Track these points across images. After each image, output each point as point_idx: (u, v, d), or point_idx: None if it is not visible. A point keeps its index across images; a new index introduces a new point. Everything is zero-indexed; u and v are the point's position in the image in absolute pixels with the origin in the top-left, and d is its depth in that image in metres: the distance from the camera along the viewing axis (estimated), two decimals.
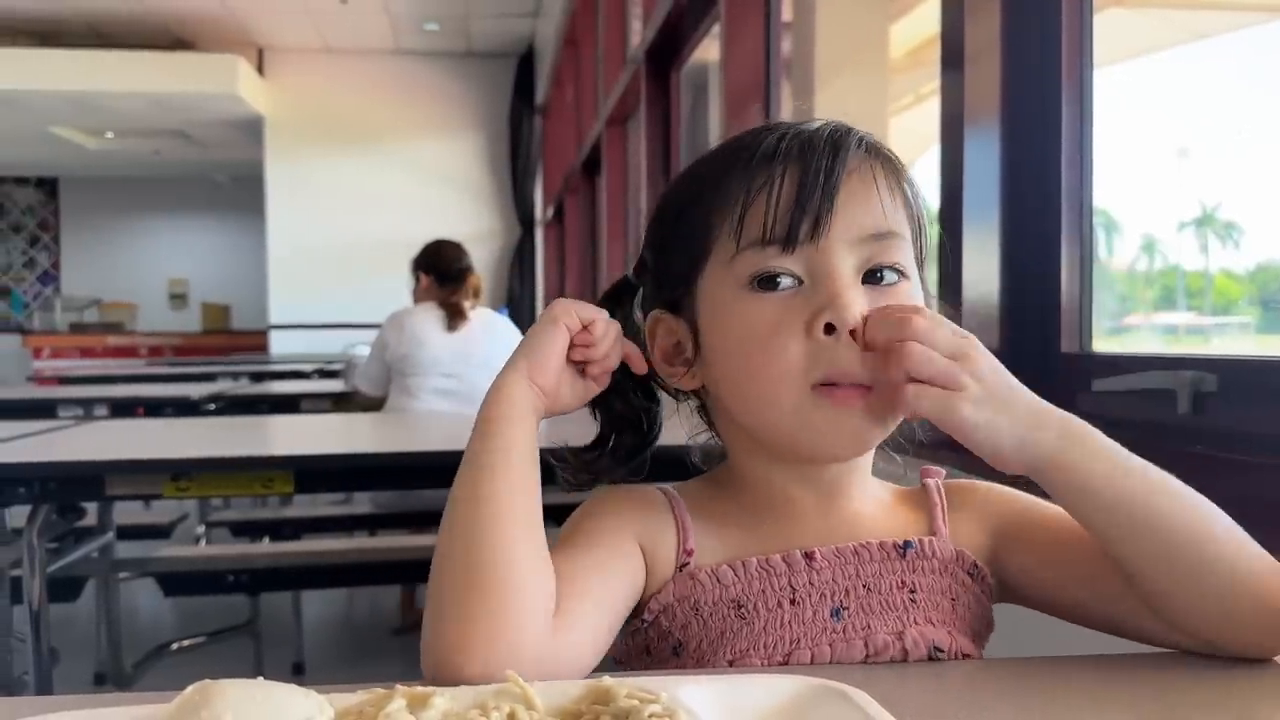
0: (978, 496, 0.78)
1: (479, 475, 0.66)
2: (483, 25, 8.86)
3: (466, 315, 3.47)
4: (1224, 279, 1.84)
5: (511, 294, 9.53)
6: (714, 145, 0.78)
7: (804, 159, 0.69)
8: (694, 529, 0.74)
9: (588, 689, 0.55)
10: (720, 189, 0.72)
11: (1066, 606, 0.75)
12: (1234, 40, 1.79)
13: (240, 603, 3.33)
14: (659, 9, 3.85)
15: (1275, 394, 1.05)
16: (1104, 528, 0.67)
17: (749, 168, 0.70)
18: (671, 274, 0.76)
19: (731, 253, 0.70)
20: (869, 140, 0.73)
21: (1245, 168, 1.66)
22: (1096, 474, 0.66)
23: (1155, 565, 0.66)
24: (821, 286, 0.68)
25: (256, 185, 9.82)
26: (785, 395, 0.68)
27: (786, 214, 0.68)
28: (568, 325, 0.72)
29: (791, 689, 0.56)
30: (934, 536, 0.75)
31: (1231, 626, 0.66)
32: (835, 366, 0.67)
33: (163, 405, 3.94)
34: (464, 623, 0.61)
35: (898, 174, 0.73)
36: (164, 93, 8.94)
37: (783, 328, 0.68)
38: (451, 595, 0.62)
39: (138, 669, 2.96)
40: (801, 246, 0.68)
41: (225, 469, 1.91)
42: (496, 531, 0.64)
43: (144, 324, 12.62)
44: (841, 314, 0.66)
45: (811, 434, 0.69)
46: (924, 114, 2.04)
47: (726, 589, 0.71)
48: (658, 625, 0.72)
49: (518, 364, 0.71)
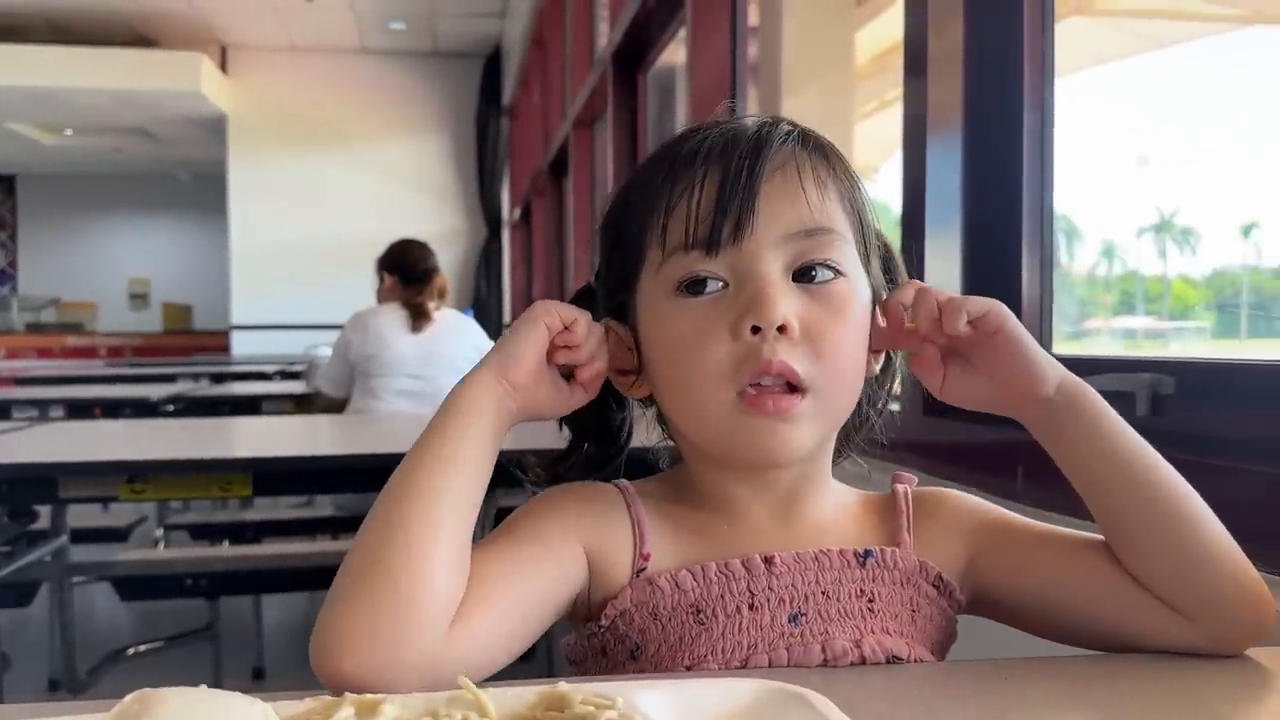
0: (947, 505, 0.77)
1: (414, 469, 0.65)
2: (449, 25, 8.82)
3: (431, 316, 3.44)
4: (1182, 284, 1.86)
5: (478, 295, 9.48)
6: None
7: (725, 158, 0.68)
8: (652, 530, 0.72)
9: (542, 695, 0.54)
10: (647, 195, 0.71)
11: (1038, 619, 0.74)
12: (1193, 49, 1.81)
13: (199, 607, 3.28)
14: (626, 11, 3.85)
15: (1231, 396, 1.07)
16: (1109, 472, 0.68)
17: (673, 171, 0.70)
18: (614, 282, 0.75)
19: (659, 260, 0.69)
20: (799, 132, 0.71)
21: (1203, 175, 1.68)
22: (1103, 422, 0.69)
23: (1152, 526, 0.67)
24: (746, 288, 0.67)
25: (219, 184, 9.72)
26: (713, 403, 0.67)
27: (708, 216, 0.67)
28: (548, 324, 0.70)
29: (749, 692, 0.56)
30: (897, 547, 0.74)
31: (1217, 605, 0.66)
32: (763, 362, 0.65)
33: (121, 406, 3.88)
34: (349, 615, 0.59)
35: (831, 167, 0.71)
36: (125, 90, 8.84)
37: (708, 332, 0.67)
38: (346, 584, 0.61)
39: (92, 675, 2.90)
40: (725, 249, 0.67)
41: (182, 471, 1.88)
42: (411, 528, 0.62)
43: (104, 324, 12.45)
44: (765, 314, 0.65)
45: (742, 443, 0.68)
46: (889, 120, 2.04)
47: (686, 594, 0.70)
48: (615, 629, 0.71)
49: (489, 360, 0.69)
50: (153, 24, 8.75)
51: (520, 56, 7.99)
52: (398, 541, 0.61)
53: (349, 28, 8.89)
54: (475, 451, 0.66)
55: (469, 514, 0.65)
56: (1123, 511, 0.68)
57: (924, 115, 1.57)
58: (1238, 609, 0.67)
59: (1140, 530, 0.68)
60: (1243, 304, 1.72)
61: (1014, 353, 0.69)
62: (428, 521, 0.62)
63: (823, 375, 0.67)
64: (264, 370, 5.92)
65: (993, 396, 0.71)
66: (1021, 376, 0.69)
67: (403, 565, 0.60)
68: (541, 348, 0.70)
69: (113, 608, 3.81)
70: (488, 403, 0.68)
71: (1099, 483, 0.69)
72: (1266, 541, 0.68)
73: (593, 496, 0.74)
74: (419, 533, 0.62)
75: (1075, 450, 0.70)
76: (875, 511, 0.77)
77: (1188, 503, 0.67)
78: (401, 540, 0.61)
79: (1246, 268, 1.70)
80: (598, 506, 0.73)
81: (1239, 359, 1.22)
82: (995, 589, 0.75)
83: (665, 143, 0.74)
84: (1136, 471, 0.68)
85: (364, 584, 0.60)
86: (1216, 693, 0.64)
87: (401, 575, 0.60)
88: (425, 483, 0.64)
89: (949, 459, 1.46)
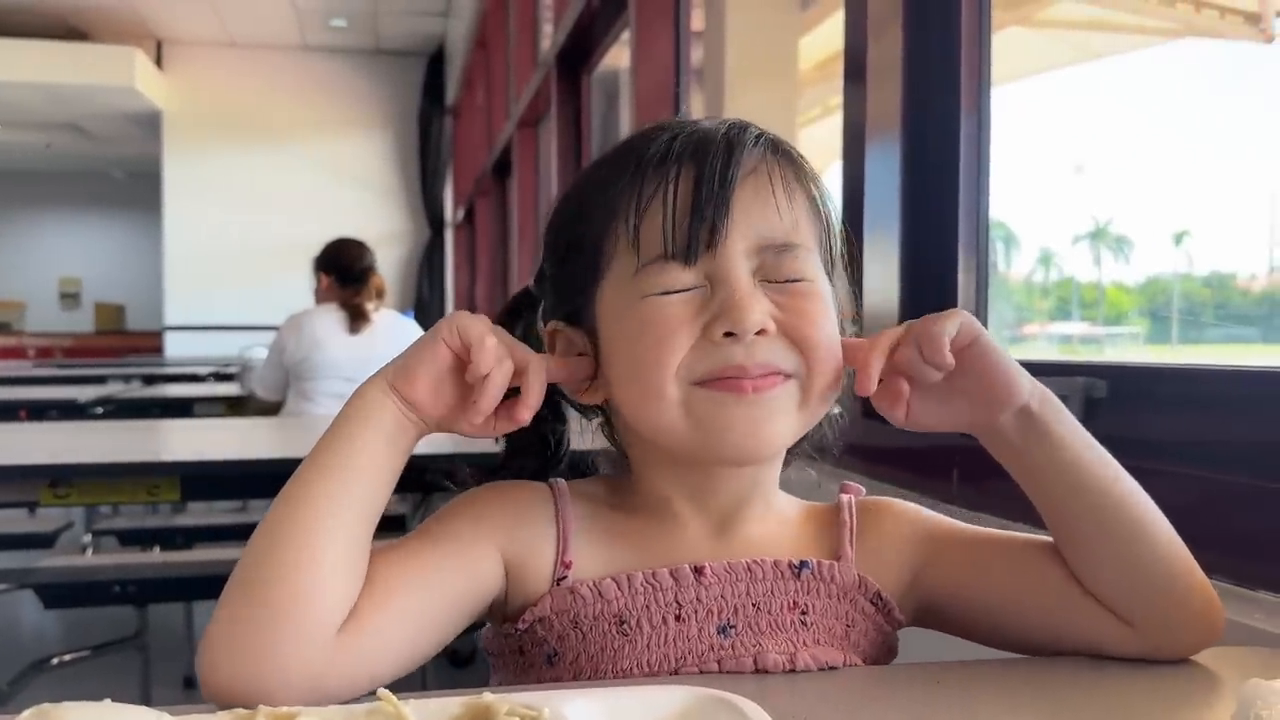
0: (891, 517, 0.76)
1: (297, 478, 0.63)
2: (391, 23, 8.73)
3: (369, 317, 3.39)
4: (1116, 290, 1.89)
5: (420, 297, 9.39)
6: (608, 148, 0.75)
7: (698, 160, 0.67)
8: (578, 537, 0.71)
9: (467, 706, 0.53)
10: (614, 196, 0.68)
11: (986, 629, 0.73)
12: (1128, 61, 1.84)
13: (127, 615, 3.19)
14: (569, 13, 3.84)
15: (1163, 401, 1.08)
16: (1069, 483, 0.67)
17: (642, 171, 0.67)
18: (570, 285, 0.72)
19: (633, 267, 0.67)
20: (768, 138, 0.70)
21: (1136, 184, 1.71)
22: (1070, 431, 0.67)
23: (1110, 539, 0.66)
24: (719, 292, 0.65)
25: (154, 182, 9.51)
26: (671, 392, 0.65)
27: (684, 223, 0.65)
28: (445, 339, 0.65)
29: (680, 701, 0.54)
30: (837, 561, 0.72)
31: (1169, 618, 0.67)
32: (730, 363, 0.64)
33: (47, 408, 3.77)
34: (228, 629, 0.59)
35: (798, 172, 0.70)
36: (57, 84, 8.63)
37: (679, 325, 0.65)
38: (226, 598, 0.60)
39: (14, 686, 2.81)
40: (700, 256, 0.66)
41: (107, 475, 1.83)
42: (291, 538, 0.60)
43: (32, 324, 12.15)
44: (740, 320, 0.64)
45: (711, 427, 0.65)
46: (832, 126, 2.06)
47: (609, 603, 0.68)
48: (533, 633, 0.70)
49: (385, 369, 0.67)
50: (85, 17, 8.54)
51: (464, 56, 7.93)
52: (274, 554, 0.60)
53: (289, 24, 8.75)
54: (365, 461, 0.64)
55: (359, 522, 0.63)
56: (1081, 523, 0.67)
57: (863, 121, 1.58)
58: (1190, 621, 0.67)
59: (1096, 543, 0.67)
60: (1174, 310, 1.75)
61: (990, 364, 0.66)
62: (309, 531, 0.61)
63: (805, 362, 0.66)
64: (197, 372, 5.80)
65: (965, 415, 0.68)
66: (1000, 389, 0.66)
67: (278, 577, 0.59)
68: (439, 366, 0.65)
69: (37, 616, 3.71)
70: (380, 413, 0.65)
71: (1060, 493, 0.68)
72: (1197, 545, 0.68)
73: (517, 498, 0.72)
74: (299, 542, 0.60)
75: (1043, 459, 0.68)
76: (816, 523, 0.76)
77: (1146, 516, 0.67)
78: (279, 552, 0.60)
79: (1178, 275, 1.73)
80: (520, 509, 0.71)
81: (1170, 364, 1.24)
82: (942, 599, 0.74)
83: (621, 144, 0.72)
84: (1100, 482, 0.67)
85: (241, 597, 0.59)
86: (1160, 697, 0.64)
87: (277, 586, 0.59)
88: (302, 491, 0.62)
89: (886, 461, 1.46)
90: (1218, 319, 1.65)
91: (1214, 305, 1.68)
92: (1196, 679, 0.67)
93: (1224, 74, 1.56)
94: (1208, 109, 1.56)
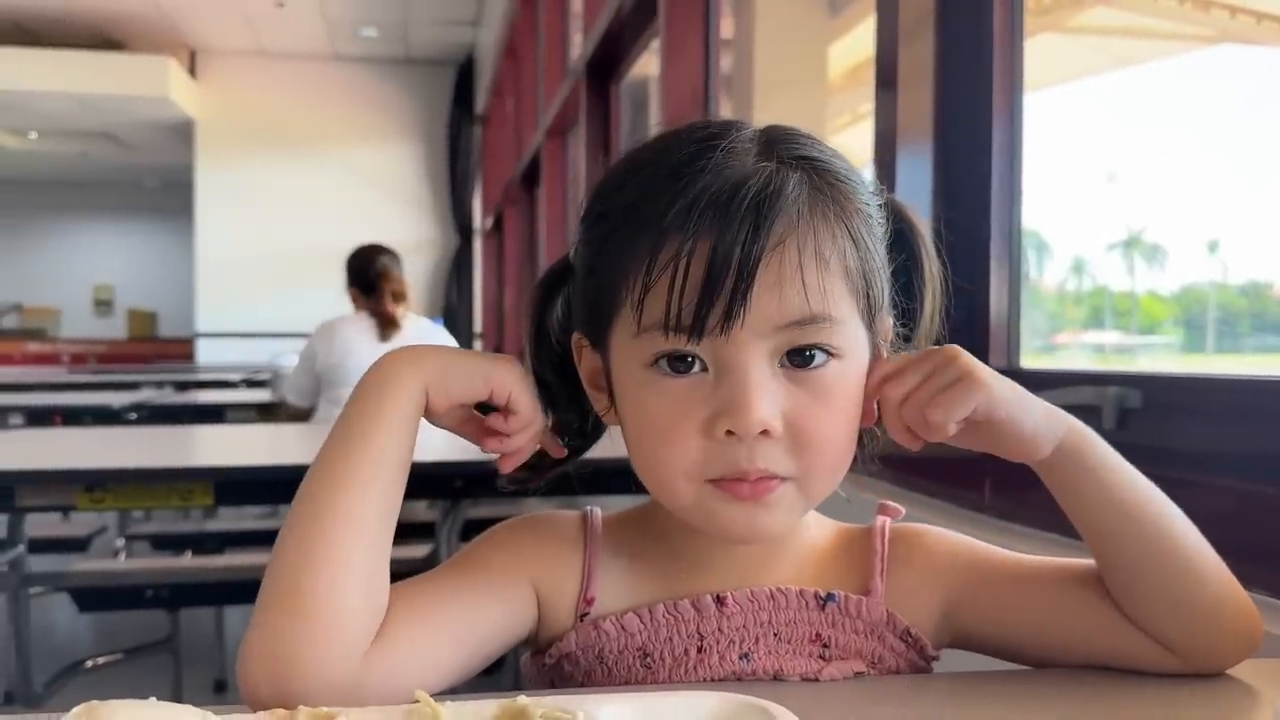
0: (924, 548, 0.73)
1: (343, 483, 0.62)
2: (422, 32, 8.79)
3: (399, 324, 3.41)
4: (1150, 300, 1.88)
5: (449, 304, 9.44)
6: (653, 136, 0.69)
7: (719, 229, 0.59)
8: (604, 571, 0.70)
9: (502, 708, 0.53)
10: (631, 238, 0.62)
11: (1023, 655, 0.71)
12: (1162, 67, 1.83)
13: (159, 619, 3.23)
14: (599, 22, 3.85)
15: (1197, 411, 1.07)
16: (1112, 523, 0.65)
17: (661, 229, 0.60)
18: (589, 305, 0.68)
19: (634, 330, 0.62)
20: (809, 182, 0.62)
21: (1170, 192, 1.69)
22: (1110, 467, 0.65)
23: (1155, 576, 0.65)
24: (727, 381, 0.61)
25: (186, 190, 9.63)
26: (684, 489, 0.63)
27: (692, 302, 0.59)
28: (495, 389, 0.66)
29: (714, 706, 0.55)
30: (866, 595, 0.70)
31: (1212, 644, 0.66)
32: (735, 468, 0.61)
33: (82, 414, 3.83)
34: (265, 639, 0.59)
35: (840, 211, 0.63)
36: (92, 93, 8.75)
37: (682, 422, 0.62)
38: (261, 606, 0.60)
39: (49, 688, 2.85)
40: (708, 336, 0.60)
41: (142, 480, 1.85)
42: (334, 553, 0.60)
43: (67, 331, 12.31)
44: (742, 420, 0.60)
45: (715, 523, 0.64)
46: (861, 133, 2.05)
47: (632, 637, 0.68)
48: (560, 668, 0.70)
49: (424, 363, 0.65)
50: (120, 27, 8.67)
51: (493, 65, 7.97)
52: (322, 565, 0.60)
53: (320, 34, 8.84)
54: (405, 460, 0.64)
55: (391, 529, 0.63)
56: (1125, 560, 0.66)
57: (894, 128, 1.57)
58: (1233, 641, 0.66)
59: (1144, 578, 0.66)
60: (1209, 319, 1.73)
61: (1003, 434, 0.64)
62: (354, 551, 0.61)
63: (805, 466, 0.63)
64: (229, 379, 5.86)
65: (988, 449, 0.66)
66: (1014, 452, 0.65)
67: (323, 594, 0.59)
68: (472, 397, 0.66)
69: (71, 619, 3.75)
70: (415, 405, 0.65)
71: (1102, 531, 0.66)
72: (1233, 556, 0.67)
73: (549, 533, 0.72)
74: (342, 563, 0.60)
75: (1078, 500, 0.66)
76: (848, 551, 0.73)
77: (1194, 551, 0.65)
78: (323, 564, 0.60)
79: (1213, 284, 1.72)
80: (551, 544, 0.71)
81: (1205, 373, 1.23)
82: (980, 629, 0.72)
83: (665, 146, 0.65)
84: (1143, 523, 0.65)
85: (277, 607, 0.59)
86: (1198, 711, 0.63)
87: (322, 603, 0.59)
88: (357, 497, 0.62)
89: (917, 472, 1.46)
90: (1254, 328, 1.63)
91: (1250, 315, 1.66)
92: (1233, 692, 0.66)
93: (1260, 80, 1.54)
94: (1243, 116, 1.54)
